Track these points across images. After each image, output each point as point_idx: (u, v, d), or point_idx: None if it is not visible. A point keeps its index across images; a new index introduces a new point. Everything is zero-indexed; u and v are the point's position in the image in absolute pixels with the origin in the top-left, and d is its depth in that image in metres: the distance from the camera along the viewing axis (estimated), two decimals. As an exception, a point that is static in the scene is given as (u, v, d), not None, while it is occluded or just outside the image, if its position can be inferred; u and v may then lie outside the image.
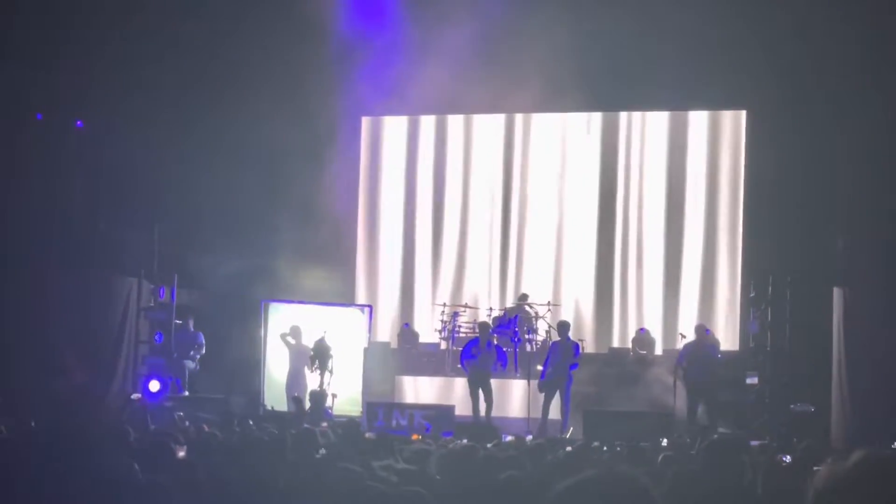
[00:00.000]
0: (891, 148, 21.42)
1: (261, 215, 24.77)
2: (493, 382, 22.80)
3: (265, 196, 24.84)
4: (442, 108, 26.59)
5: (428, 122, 27.62)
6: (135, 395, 21.83)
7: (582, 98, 24.49)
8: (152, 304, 23.16)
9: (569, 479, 2.38)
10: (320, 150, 25.04)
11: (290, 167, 24.44)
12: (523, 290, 25.60)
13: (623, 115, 26.59)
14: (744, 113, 25.62)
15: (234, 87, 24.08)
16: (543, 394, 21.81)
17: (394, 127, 27.88)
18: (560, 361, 21.76)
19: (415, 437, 17.14)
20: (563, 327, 22.42)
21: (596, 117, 26.71)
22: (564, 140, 26.84)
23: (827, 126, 22.26)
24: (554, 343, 22.66)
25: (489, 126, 27.34)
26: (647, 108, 26.24)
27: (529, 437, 18.62)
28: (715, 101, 25.76)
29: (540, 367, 22.21)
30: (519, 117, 27.13)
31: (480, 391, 22.07)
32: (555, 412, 21.79)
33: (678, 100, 25.62)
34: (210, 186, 23.54)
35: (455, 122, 27.46)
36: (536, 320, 24.47)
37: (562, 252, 26.45)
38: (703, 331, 22.46)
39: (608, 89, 25.14)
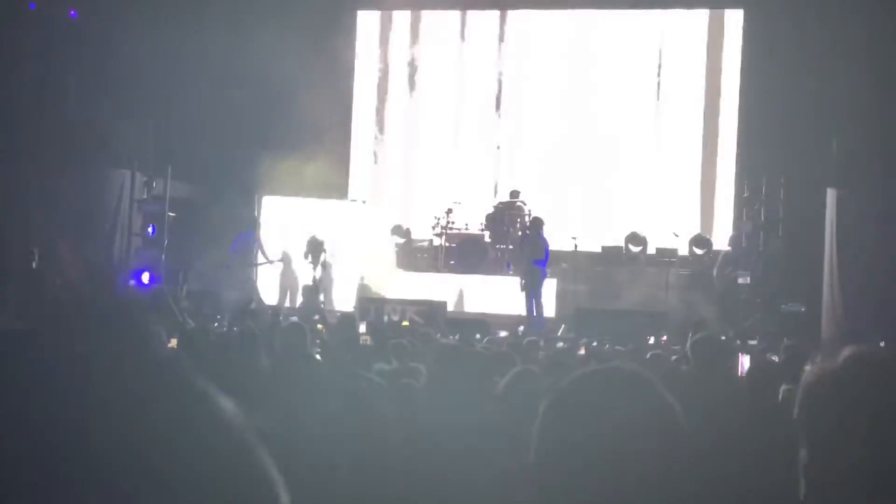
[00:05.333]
0: (889, 48, 21.28)
1: (257, 108, 24.63)
2: (486, 279, 23.02)
3: (261, 89, 24.68)
4: (438, 3, 26.36)
5: (426, 17, 27.39)
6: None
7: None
8: (146, 197, 23.12)
9: (574, 373, 2.38)
10: (317, 44, 24.84)
11: (287, 60, 24.26)
12: (516, 186, 25.48)
13: (619, 13, 26.37)
14: (741, 11, 25.43)
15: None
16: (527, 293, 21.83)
17: (391, 21, 27.65)
18: (529, 257, 21.79)
19: (405, 323, 17.22)
20: (534, 223, 22.39)
21: (590, 15, 26.49)
22: (560, 38, 26.64)
23: (824, 25, 22.09)
24: (525, 239, 22.71)
25: (485, 21, 27.13)
26: (642, 7, 26.02)
27: (521, 329, 18.81)
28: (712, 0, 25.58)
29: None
30: (515, 14, 26.92)
31: None
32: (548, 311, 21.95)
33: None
34: (205, 78, 23.37)
35: (452, 17, 27.23)
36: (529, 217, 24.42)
37: (556, 149, 26.36)
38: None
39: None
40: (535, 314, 21.45)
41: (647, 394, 2.29)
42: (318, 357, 9.70)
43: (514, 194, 24.81)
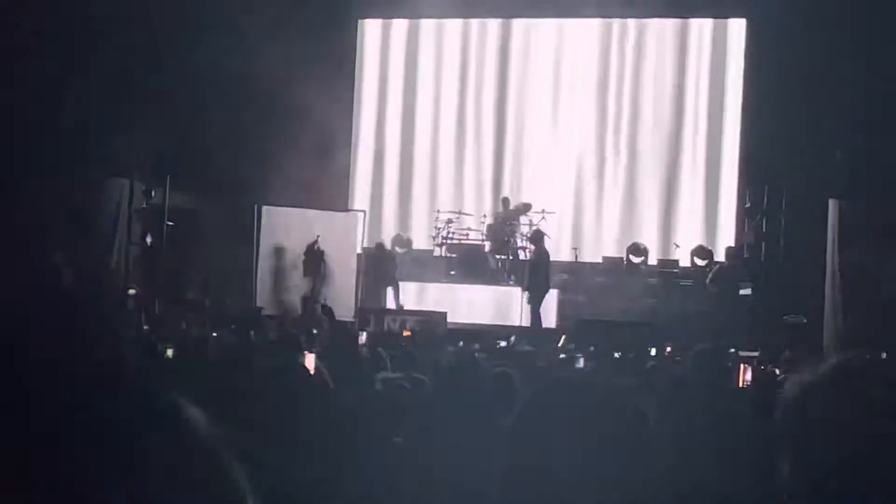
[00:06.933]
0: (892, 58, 21.23)
1: (257, 118, 24.56)
2: (487, 290, 23.00)
3: (262, 98, 24.62)
4: (440, 12, 26.33)
5: (427, 26, 27.37)
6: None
7: (581, 4, 24.27)
8: (144, 206, 23.05)
9: (540, 384, 2.35)
10: (318, 53, 24.79)
11: (289, 69, 24.25)
12: (517, 196, 25.42)
13: (623, 21, 26.32)
14: (744, 21, 25.39)
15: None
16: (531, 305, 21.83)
17: (392, 30, 27.62)
18: (538, 271, 21.77)
19: (406, 332, 17.18)
20: (534, 236, 22.42)
21: (594, 23, 26.46)
22: (562, 46, 26.61)
23: (826, 35, 22.04)
24: (530, 251, 22.73)
25: (486, 31, 27.10)
26: (644, 16, 25.97)
27: (513, 338, 18.79)
28: (715, 9, 25.53)
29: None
30: (517, 22, 26.88)
31: None
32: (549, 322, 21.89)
33: (678, 6, 25.42)
34: (205, 87, 23.31)
35: (453, 25, 27.21)
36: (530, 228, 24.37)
37: (557, 159, 26.32)
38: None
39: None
40: (535, 325, 21.47)
41: (618, 405, 2.30)
42: (312, 368, 9.60)
43: (516, 205, 24.77)
